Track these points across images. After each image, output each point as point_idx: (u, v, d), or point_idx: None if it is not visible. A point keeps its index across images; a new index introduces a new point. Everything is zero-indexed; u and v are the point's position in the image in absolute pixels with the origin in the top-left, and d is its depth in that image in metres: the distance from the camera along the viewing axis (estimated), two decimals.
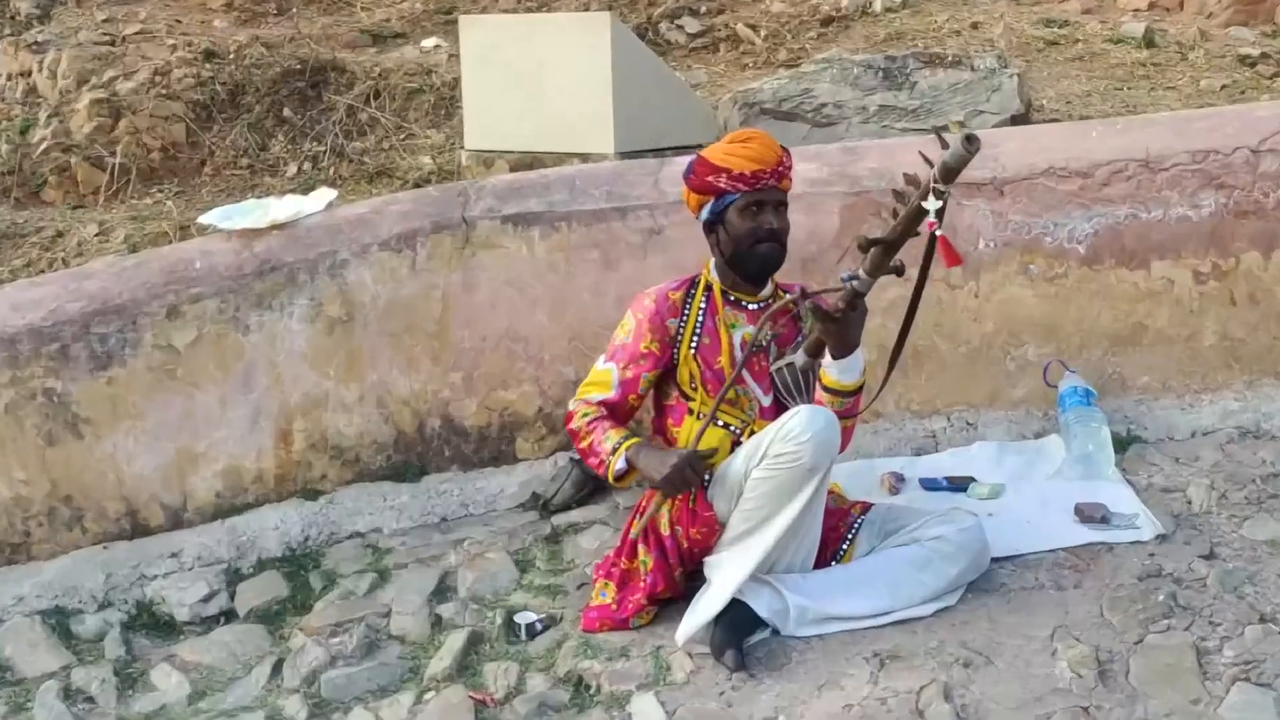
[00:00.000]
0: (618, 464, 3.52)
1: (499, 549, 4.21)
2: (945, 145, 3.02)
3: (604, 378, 3.68)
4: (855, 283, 3.33)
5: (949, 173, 3.02)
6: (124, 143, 8.02)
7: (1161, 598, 3.48)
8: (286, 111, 8.33)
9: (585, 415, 3.64)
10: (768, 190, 3.61)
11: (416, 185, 7.31)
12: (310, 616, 3.98)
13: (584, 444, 3.62)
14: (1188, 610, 3.44)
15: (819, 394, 3.57)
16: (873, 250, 3.26)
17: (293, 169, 7.92)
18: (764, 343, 3.69)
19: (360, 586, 4.10)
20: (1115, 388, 4.60)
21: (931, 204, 3.06)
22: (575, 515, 4.40)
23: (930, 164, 3.07)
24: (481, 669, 3.62)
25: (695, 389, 3.68)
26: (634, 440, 3.54)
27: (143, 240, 6.94)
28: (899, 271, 3.32)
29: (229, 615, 4.13)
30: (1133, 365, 4.61)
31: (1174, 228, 4.54)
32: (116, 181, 7.85)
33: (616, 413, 3.68)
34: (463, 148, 7.09)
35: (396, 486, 4.50)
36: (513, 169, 6.54)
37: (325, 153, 7.98)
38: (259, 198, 7.12)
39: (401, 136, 8.09)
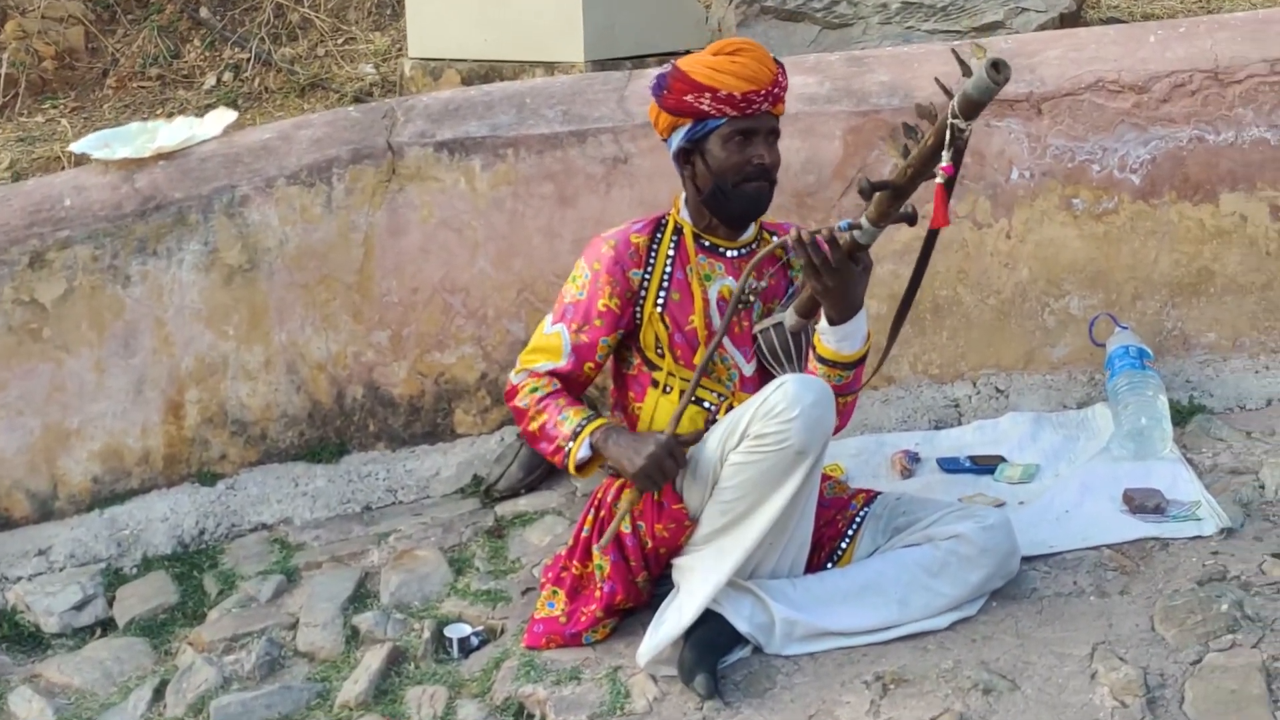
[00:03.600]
0: (580, 451, 3.42)
1: (431, 545, 4.14)
2: (966, 71, 2.86)
3: (552, 343, 3.57)
4: (857, 233, 3.20)
5: (970, 106, 2.89)
6: (10, 49, 7.89)
7: (1225, 607, 3.37)
8: (203, 11, 8.19)
9: (534, 390, 3.53)
10: (760, 116, 3.48)
11: (356, 99, 7.26)
12: (202, 628, 3.90)
13: (533, 426, 3.51)
14: (1257, 623, 3.33)
15: (812, 364, 3.46)
16: (878, 195, 3.11)
17: (211, 80, 7.81)
18: (750, 298, 3.55)
19: (264, 591, 4.02)
20: (1175, 346, 4.55)
21: (949, 144, 2.92)
22: (523, 503, 4.33)
23: (948, 93, 2.95)
24: (403, 694, 3.54)
25: (662, 355, 3.57)
26: (599, 421, 3.44)
27: (31, 166, 6.87)
28: (910, 220, 3.20)
29: (106, 626, 4.04)
30: (1197, 319, 4.55)
31: (1248, 153, 4.48)
32: (2, 95, 7.69)
33: (569, 385, 3.58)
34: (407, 55, 6.94)
35: (310, 469, 4.44)
36: (465, 81, 6.50)
37: (249, 61, 7.86)
38: (169, 115, 7.04)
39: (339, 41, 7.98)
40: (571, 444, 3.41)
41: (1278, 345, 4.52)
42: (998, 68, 2.80)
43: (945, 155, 2.93)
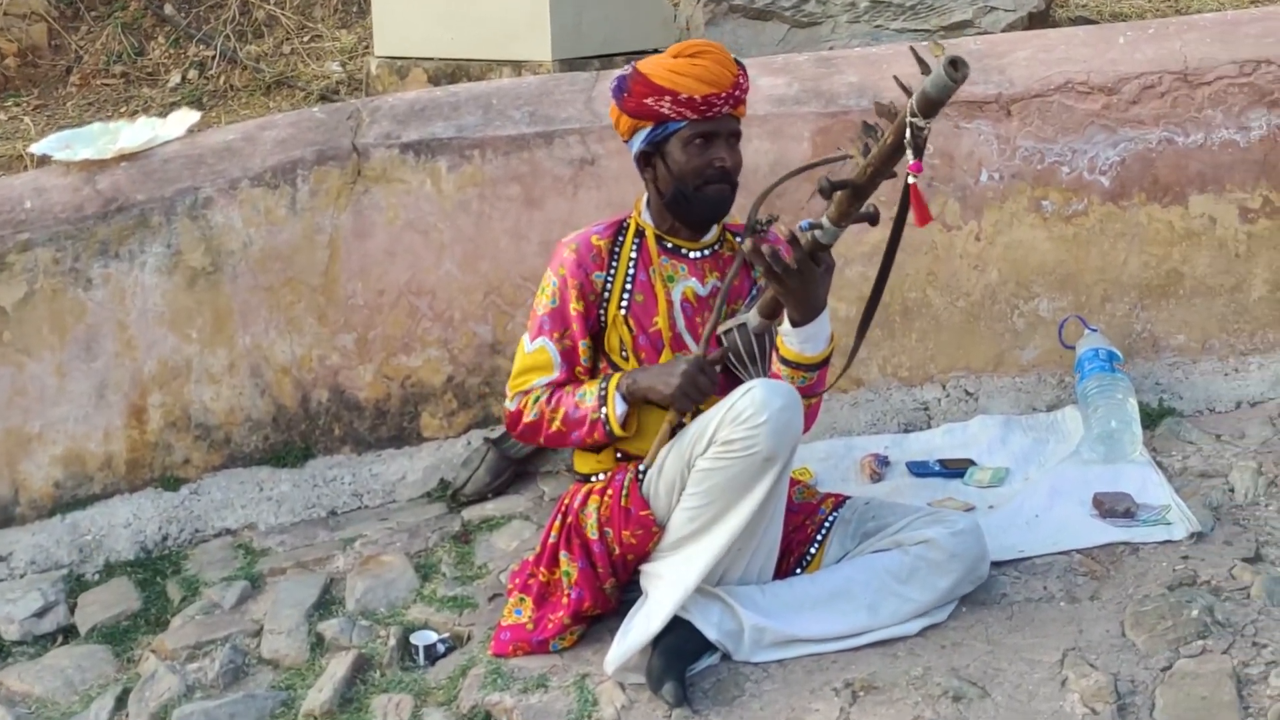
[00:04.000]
0: (618, 408, 3.40)
1: (397, 550, 4.10)
2: (925, 69, 2.84)
3: (541, 359, 3.53)
4: (818, 233, 3.18)
5: (929, 104, 2.87)
6: None
7: (1196, 612, 3.35)
8: (168, 8, 8.11)
9: (537, 399, 3.51)
10: (721, 119, 3.45)
11: (323, 98, 7.20)
12: (165, 635, 3.85)
13: (555, 426, 3.48)
14: (1227, 628, 3.31)
15: (776, 366, 3.44)
16: (838, 194, 3.09)
17: (176, 78, 7.74)
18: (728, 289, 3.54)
19: (227, 598, 3.97)
20: (1145, 349, 4.53)
21: (909, 142, 2.89)
22: (490, 508, 4.30)
23: (907, 91, 2.92)
24: (368, 702, 3.49)
25: (626, 358, 3.54)
26: (616, 375, 3.44)
27: None
28: (872, 219, 3.19)
29: (68, 633, 3.99)
30: (1166, 321, 4.53)
31: (1217, 154, 4.45)
32: None
33: None
34: (373, 54, 6.89)
35: (275, 473, 4.39)
36: (431, 79, 6.44)
37: (214, 58, 7.78)
38: (134, 113, 6.97)
39: (305, 39, 7.91)
40: (605, 408, 3.40)
41: (1247, 347, 4.50)
42: (956, 65, 2.79)
43: (909, 154, 2.91)
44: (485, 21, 6.34)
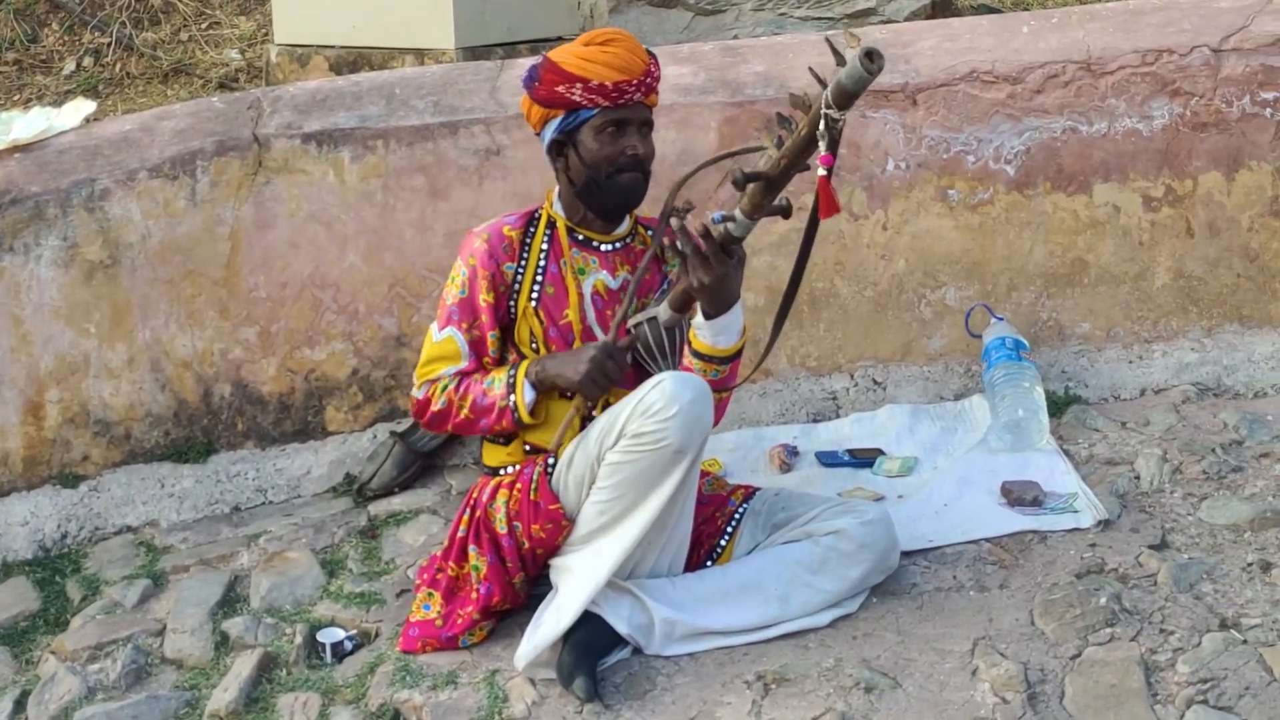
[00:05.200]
0: (526, 395, 3.38)
1: (302, 546, 4.06)
2: (840, 60, 2.81)
3: (449, 349, 3.50)
4: (730, 225, 3.16)
5: (844, 96, 2.84)
6: None
7: (1104, 600, 3.38)
8: None
9: (445, 388, 3.48)
10: (632, 107, 3.44)
11: (222, 86, 7.11)
12: (65, 636, 3.78)
13: (464, 413, 3.45)
14: (1135, 615, 3.34)
15: (687, 359, 3.42)
16: (751, 187, 3.08)
17: (70, 65, 7.62)
18: (648, 271, 3.55)
19: (129, 596, 3.91)
20: (1051, 337, 4.55)
21: (823, 134, 2.86)
22: (397, 502, 4.27)
23: (822, 82, 2.90)
24: (274, 701, 3.45)
25: (537, 350, 3.52)
26: (524, 362, 3.42)
27: None
28: (785, 213, 3.17)
29: None
30: (1071, 310, 4.56)
31: (1120, 144, 4.49)
32: None
33: None
34: (273, 41, 6.81)
35: (177, 469, 4.34)
36: (333, 68, 6.36)
37: (110, 45, 7.67)
38: (27, 103, 6.85)
39: (203, 25, 7.81)
40: (513, 395, 3.38)
41: (1151, 335, 4.54)
42: (871, 57, 2.75)
43: (821, 145, 2.89)
44: (387, 9, 6.26)
